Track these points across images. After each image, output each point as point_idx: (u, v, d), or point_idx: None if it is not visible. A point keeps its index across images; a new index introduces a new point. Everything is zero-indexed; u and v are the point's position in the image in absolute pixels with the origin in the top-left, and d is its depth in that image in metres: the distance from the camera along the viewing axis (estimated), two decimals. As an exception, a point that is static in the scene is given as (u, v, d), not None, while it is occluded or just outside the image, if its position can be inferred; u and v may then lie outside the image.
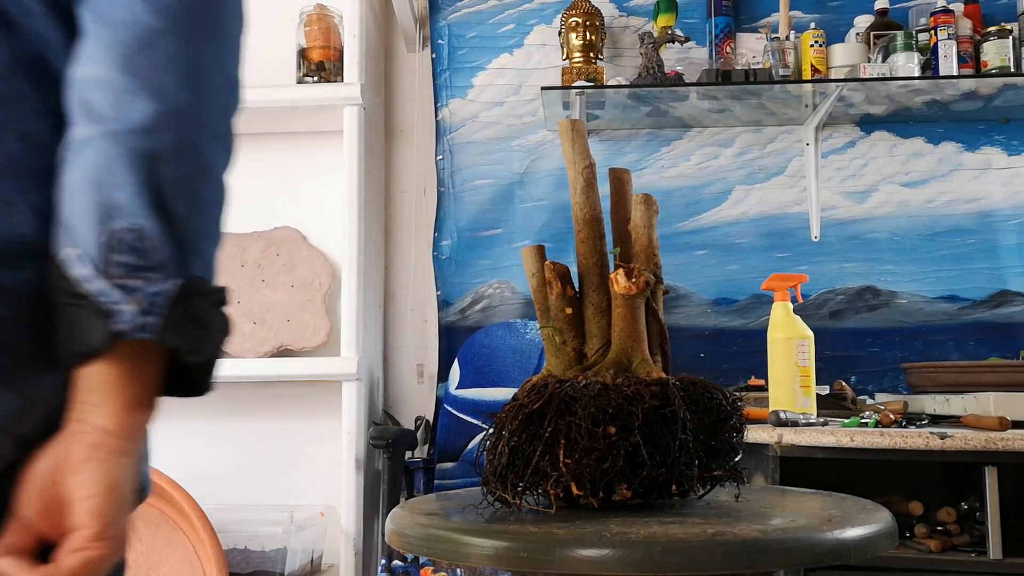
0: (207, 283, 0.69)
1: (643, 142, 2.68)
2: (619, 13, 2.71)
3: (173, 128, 0.65)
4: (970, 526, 1.88)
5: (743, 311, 2.60)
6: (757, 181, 2.65)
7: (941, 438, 1.74)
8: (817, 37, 2.45)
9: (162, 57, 0.64)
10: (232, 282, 2.52)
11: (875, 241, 2.60)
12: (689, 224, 2.65)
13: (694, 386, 1.13)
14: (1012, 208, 2.58)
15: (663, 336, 1.25)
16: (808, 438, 1.81)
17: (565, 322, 1.23)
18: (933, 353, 2.53)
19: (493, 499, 1.13)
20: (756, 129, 2.67)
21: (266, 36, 2.63)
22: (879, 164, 2.63)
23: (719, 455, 1.13)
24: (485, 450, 1.15)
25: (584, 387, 1.10)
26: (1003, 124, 2.62)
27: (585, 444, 1.05)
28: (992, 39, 2.37)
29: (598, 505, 1.08)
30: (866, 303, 2.59)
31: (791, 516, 1.06)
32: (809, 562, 0.96)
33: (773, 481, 1.83)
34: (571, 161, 1.27)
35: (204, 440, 2.57)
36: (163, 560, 2.14)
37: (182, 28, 0.65)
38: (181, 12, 0.65)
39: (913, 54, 2.37)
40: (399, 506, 1.19)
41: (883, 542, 1.02)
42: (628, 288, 1.17)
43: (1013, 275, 2.56)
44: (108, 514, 0.63)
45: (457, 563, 0.99)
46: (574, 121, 1.28)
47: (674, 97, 2.47)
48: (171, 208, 0.65)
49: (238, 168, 2.89)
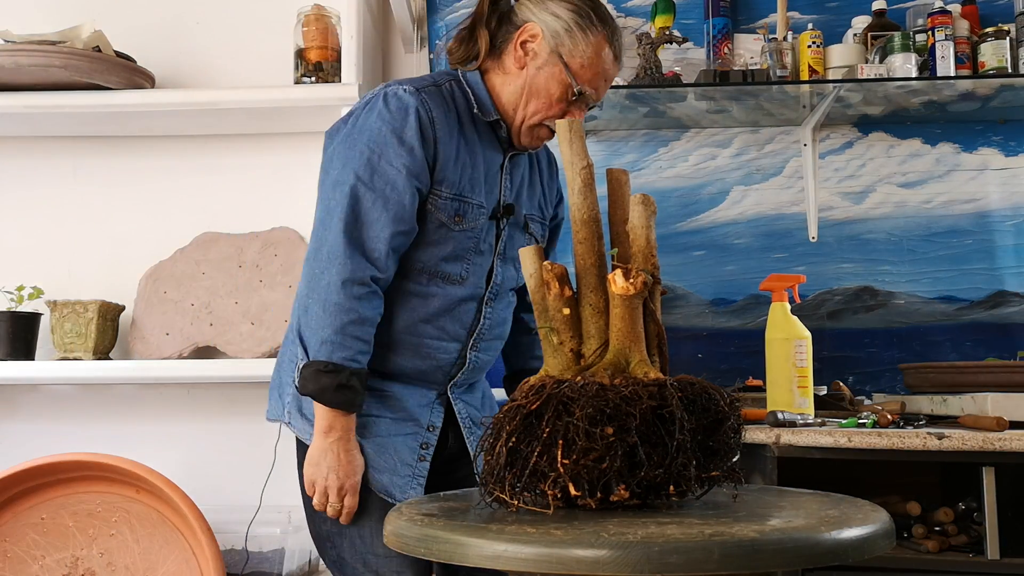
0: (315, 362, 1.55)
1: (641, 143, 2.69)
2: (617, 14, 2.71)
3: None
4: (967, 526, 1.89)
5: (741, 312, 2.60)
6: (755, 182, 2.65)
7: (939, 438, 1.74)
8: (815, 38, 2.45)
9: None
10: (230, 282, 2.52)
11: (873, 242, 2.61)
12: (687, 224, 2.65)
13: (692, 387, 1.13)
14: (1009, 209, 2.59)
15: (661, 337, 1.25)
16: (806, 439, 1.81)
17: (563, 322, 1.23)
18: (930, 353, 2.53)
19: (491, 499, 1.13)
20: (754, 130, 2.67)
21: (264, 36, 2.64)
22: (876, 165, 2.63)
23: (717, 455, 1.13)
24: (483, 450, 1.15)
25: (582, 388, 1.10)
26: (1000, 125, 2.62)
27: (583, 444, 1.05)
28: (989, 40, 2.37)
29: (596, 506, 1.08)
30: (864, 304, 2.59)
31: (789, 516, 1.06)
32: (807, 562, 0.96)
33: (771, 481, 1.84)
34: (569, 162, 1.27)
35: (202, 441, 2.57)
36: (161, 560, 2.14)
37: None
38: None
39: (910, 55, 2.37)
40: (396, 507, 1.19)
41: (881, 542, 1.02)
42: (626, 288, 1.17)
43: (1010, 275, 2.56)
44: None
45: (455, 564, 0.99)
46: (572, 121, 1.28)
47: (672, 98, 2.47)
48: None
49: (236, 168, 2.88)
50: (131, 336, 2.52)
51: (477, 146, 1.67)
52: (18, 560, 2.16)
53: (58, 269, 2.63)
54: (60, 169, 2.67)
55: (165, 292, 2.53)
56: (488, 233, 1.68)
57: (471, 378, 1.73)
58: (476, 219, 1.65)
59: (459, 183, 1.62)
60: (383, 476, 1.59)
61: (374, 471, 1.59)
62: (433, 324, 1.64)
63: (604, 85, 1.70)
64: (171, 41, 2.67)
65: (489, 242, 1.69)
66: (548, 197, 1.86)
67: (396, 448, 1.61)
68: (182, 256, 2.56)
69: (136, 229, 2.63)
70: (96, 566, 2.17)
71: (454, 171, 1.61)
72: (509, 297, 1.76)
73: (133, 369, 2.39)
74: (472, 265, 1.67)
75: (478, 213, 1.65)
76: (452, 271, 1.64)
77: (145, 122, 2.54)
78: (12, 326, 2.40)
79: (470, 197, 1.64)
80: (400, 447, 1.61)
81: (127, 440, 2.52)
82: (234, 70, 2.64)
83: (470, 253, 1.66)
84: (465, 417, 1.71)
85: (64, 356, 2.41)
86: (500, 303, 1.73)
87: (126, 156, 2.67)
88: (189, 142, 2.66)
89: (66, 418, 2.61)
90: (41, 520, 2.18)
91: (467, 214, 1.63)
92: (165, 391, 2.61)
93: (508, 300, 1.76)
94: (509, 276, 1.73)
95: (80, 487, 2.19)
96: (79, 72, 2.33)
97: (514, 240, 1.73)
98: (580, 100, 1.65)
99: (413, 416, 1.64)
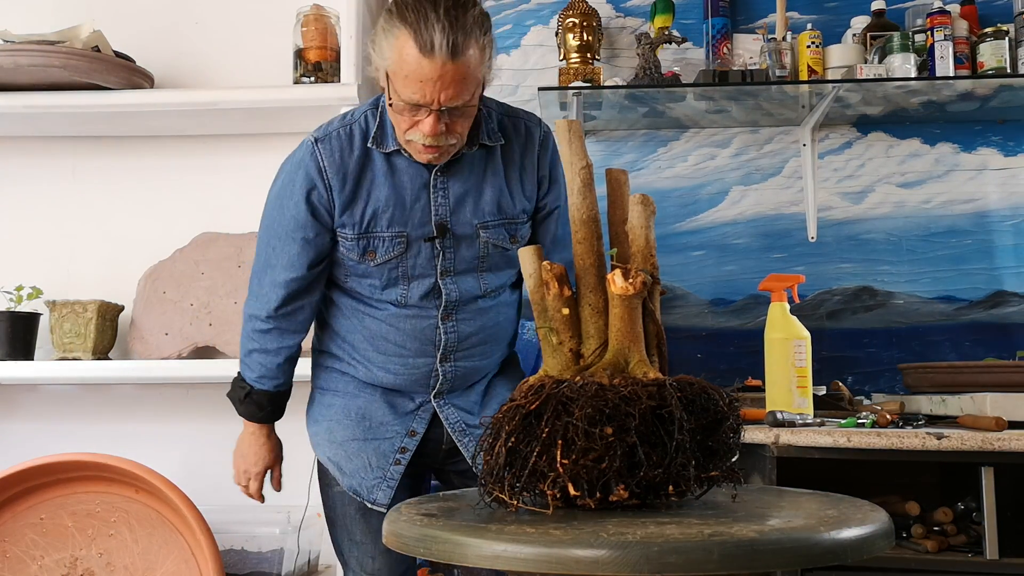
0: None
1: (640, 143, 2.69)
2: (616, 14, 2.71)
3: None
4: (966, 526, 1.89)
5: (740, 312, 2.60)
6: (754, 182, 2.65)
7: (938, 438, 1.75)
8: (814, 38, 2.45)
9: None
10: (229, 282, 2.52)
11: (872, 242, 2.61)
12: (686, 225, 2.65)
13: (691, 387, 1.13)
14: (1008, 209, 2.59)
15: (660, 337, 1.25)
16: (805, 439, 1.81)
17: (562, 322, 1.23)
18: (930, 353, 2.53)
19: (490, 500, 1.13)
20: (753, 130, 2.67)
21: (263, 36, 2.64)
22: (876, 165, 2.63)
23: (716, 456, 1.13)
24: (482, 451, 1.15)
25: (581, 388, 1.10)
26: (999, 125, 2.62)
27: (582, 445, 1.05)
28: (988, 40, 2.37)
29: (595, 506, 1.08)
30: (863, 304, 2.59)
31: (788, 516, 1.06)
32: (806, 562, 0.96)
33: (770, 481, 1.84)
34: (568, 162, 1.27)
35: (201, 441, 2.57)
36: (160, 561, 2.14)
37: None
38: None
39: (910, 55, 2.37)
40: (396, 507, 1.19)
41: (880, 542, 1.02)
42: (625, 289, 1.17)
43: (1009, 275, 2.56)
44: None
45: (454, 564, 0.99)
46: (571, 122, 1.28)
47: (671, 98, 2.47)
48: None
49: (235, 168, 2.88)
50: (130, 336, 2.52)
51: (391, 176, 1.66)
52: (17, 560, 2.16)
53: (57, 269, 2.62)
54: (59, 169, 2.67)
55: (164, 292, 2.53)
56: (419, 256, 1.67)
57: (460, 385, 1.75)
58: (392, 250, 1.67)
59: (362, 222, 1.66)
60: (351, 479, 1.76)
61: (343, 475, 1.77)
62: (393, 343, 1.72)
63: (432, 86, 1.50)
64: (170, 41, 2.67)
65: (423, 265, 1.68)
66: (520, 191, 1.73)
67: (366, 454, 1.74)
68: (181, 256, 2.56)
69: (135, 229, 2.63)
70: (95, 566, 2.16)
71: (354, 213, 1.66)
72: (485, 303, 1.73)
73: (132, 369, 2.39)
74: (409, 289, 1.69)
75: (393, 244, 1.67)
76: (390, 297, 1.71)
77: (144, 122, 2.54)
78: (11, 326, 2.40)
79: (379, 231, 1.66)
80: (371, 453, 1.74)
81: (126, 440, 2.52)
82: (233, 70, 2.64)
83: (401, 280, 1.69)
84: (455, 422, 1.74)
85: (63, 356, 2.41)
86: (465, 314, 1.71)
87: (125, 156, 2.67)
88: (188, 142, 2.66)
89: (65, 418, 2.61)
90: (40, 520, 2.18)
91: (379, 248, 1.67)
92: (164, 391, 2.61)
93: (480, 307, 1.72)
94: (468, 287, 1.70)
95: (79, 487, 2.19)
96: (78, 72, 2.33)
97: (461, 254, 1.69)
98: (422, 109, 1.53)
99: (393, 423, 1.74)
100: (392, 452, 1.73)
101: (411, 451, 1.73)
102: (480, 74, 1.55)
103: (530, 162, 1.72)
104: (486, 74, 1.58)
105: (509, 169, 1.72)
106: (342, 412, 1.76)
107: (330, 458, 1.77)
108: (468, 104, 1.54)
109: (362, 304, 1.73)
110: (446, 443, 1.76)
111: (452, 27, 1.48)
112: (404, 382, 1.74)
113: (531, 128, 1.73)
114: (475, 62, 1.52)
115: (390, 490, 1.72)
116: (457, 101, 1.52)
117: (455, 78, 1.50)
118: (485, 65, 1.56)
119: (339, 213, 1.66)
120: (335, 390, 1.79)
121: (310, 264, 1.69)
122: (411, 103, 1.52)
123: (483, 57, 1.54)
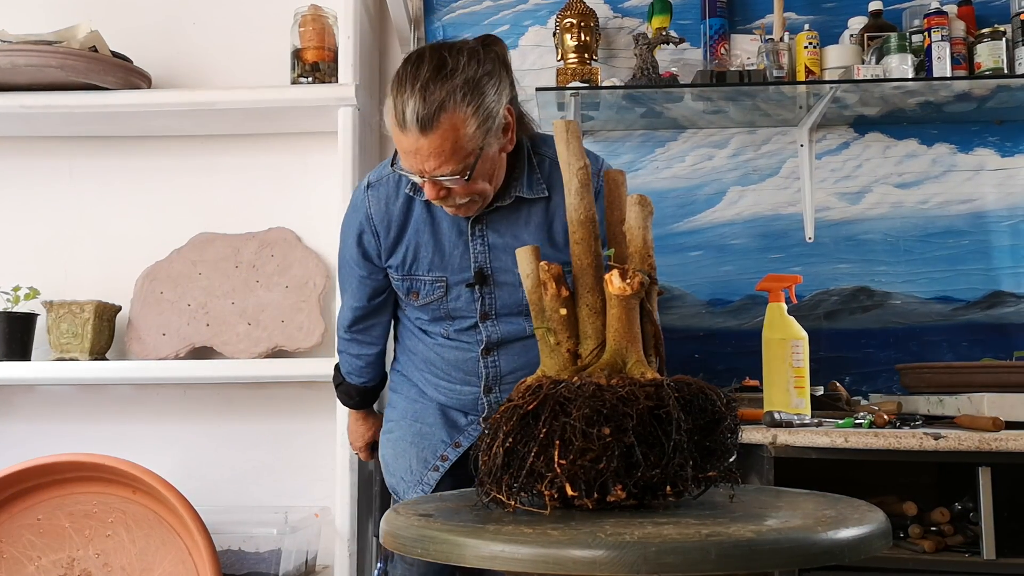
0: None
1: (638, 143, 2.69)
2: (614, 14, 2.71)
3: None
4: (964, 526, 1.89)
5: (737, 312, 2.60)
6: (751, 182, 2.65)
7: (935, 439, 1.75)
8: (811, 39, 2.45)
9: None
10: (226, 283, 2.52)
11: (869, 242, 2.61)
12: (684, 225, 2.65)
13: (688, 387, 1.13)
14: (1005, 209, 2.59)
15: (658, 337, 1.25)
16: (802, 439, 1.81)
17: (560, 323, 1.23)
18: (927, 354, 2.54)
19: (487, 500, 1.13)
20: (750, 130, 2.67)
21: (261, 37, 2.64)
22: (873, 165, 2.63)
23: (714, 456, 1.13)
24: (480, 451, 1.15)
25: (579, 388, 1.10)
26: (996, 126, 2.62)
27: (580, 445, 1.05)
28: (986, 41, 2.37)
29: (592, 506, 1.08)
30: (860, 304, 2.59)
31: (785, 517, 1.06)
32: (803, 562, 0.96)
33: (767, 482, 1.84)
34: (566, 162, 1.27)
35: (198, 441, 2.57)
36: (157, 562, 2.14)
37: None
38: None
39: (907, 56, 2.37)
40: (393, 507, 1.19)
41: (877, 542, 1.02)
42: (623, 289, 1.17)
43: (1006, 276, 2.57)
44: None
45: (451, 564, 0.99)
46: (569, 122, 1.28)
47: (669, 98, 2.47)
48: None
49: (233, 169, 2.89)
50: (127, 336, 2.52)
51: (431, 222, 1.71)
52: (14, 561, 2.16)
53: (54, 269, 2.62)
54: (56, 169, 2.67)
55: (161, 292, 2.53)
56: (460, 300, 1.72)
57: None
58: (433, 293, 1.73)
59: (406, 265, 1.73)
60: (392, 478, 1.84)
61: (387, 472, 1.86)
62: (440, 369, 1.81)
63: (414, 157, 1.50)
64: (168, 41, 2.67)
65: (464, 308, 1.73)
66: (564, 243, 1.66)
67: (410, 457, 1.80)
68: (178, 256, 2.56)
69: (132, 229, 2.63)
70: (92, 567, 2.16)
71: (399, 255, 1.73)
72: (531, 342, 1.68)
73: (129, 369, 2.39)
74: (452, 328, 1.76)
75: (433, 288, 1.73)
76: (435, 331, 1.79)
77: (142, 122, 2.53)
78: (8, 326, 2.40)
79: (422, 275, 1.73)
80: (413, 457, 1.80)
81: (123, 440, 2.52)
82: (231, 70, 2.64)
83: (444, 320, 1.76)
84: None
85: (60, 356, 2.41)
86: (508, 352, 1.76)
87: (122, 156, 2.67)
88: (186, 142, 2.65)
89: (62, 419, 2.60)
90: (37, 521, 2.18)
91: (421, 290, 1.74)
92: (162, 391, 2.60)
93: (525, 345, 1.74)
94: (511, 329, 1.74)
95: (76, 488, 2.18)
96: (75, 72, 2.33)
97: (503, 300, 1.72)
98: (427, 181, 1.54)
99: (440, 432, 1.81)
100: (433, 459, 1.78)
101: (452, 460, 1.78)
102: (475, 143, 1.50)
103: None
104: (488, 140, 1.52)
105: (555, 221, 1.69)
106: (400, 413, 1.87)
107: (383, 456, 1.87)
108: (456, 175, 1.50)
109: (418, 329, 1.82)
110: None
111: (424, 100, 1.45)
112: (454, 402, 1.82)
113: None
114: (456, 134, 1.47)
115: (424, 495, 1.75)
116: (442, 172, 1.50)
117: (432, 152, 1.48)
118: (482, 131, 1.50)
119: (385, 257, 1.75)
120: (401, 392, 1.90)
121: (369, 297, 1.83)
122: (409, 171, 1.55)
123: (472, 125, 1.48)
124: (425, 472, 1.78)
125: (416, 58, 1.52)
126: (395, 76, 1.52)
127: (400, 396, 1.91)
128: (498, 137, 1.55)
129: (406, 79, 1.49)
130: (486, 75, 1.52)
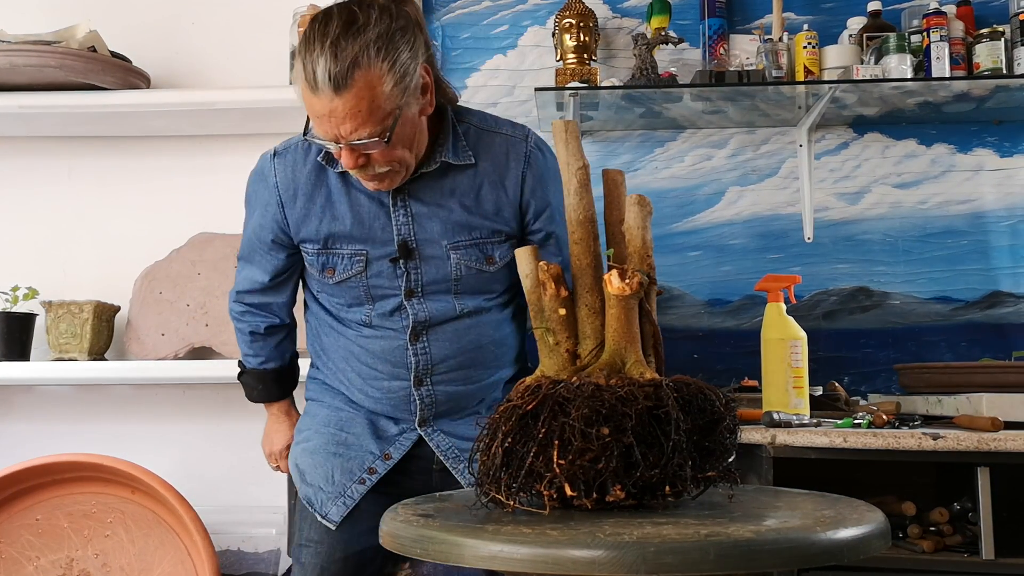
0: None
1: (637, 143, 2.69)
2: (613, 14, 2.71)
3: None
4: (962, 526, 1.89)
5: (736, 312, 2.60)
6: (750, 182, 2.65)
7: (934, 439, 1.75)
8: (810, 39, 2.45)
9: None
10: (225, 283, 2.51)
11: (868, 242, 2.61)
12: (683, 225, 2.65)
13: (688, 387, 1.13)
14: (1004, 209, 2.59)
15: (657, 337, 1.25)
16: (801, 439, 1.81)
17: (559, 323, 1.23)
18: (926, 354, 2.54)
19: (486, 500, 1.13)
20: (749, 130, 2.67)
21: (260, 37, 2.64)
22: (872, 165, 2.64)
23: (712, 456, 1.13)
24: (479, 451, 1.15)
25: (578, 388, 1.10)
26: (995, 126, 2.62)
27: (579, 445, 1.05)
28: (984, 41, 2.37)
29: (591, 506, 1.08)
30: (859, 304, 2.59)
31: (784, 517, 1.06)
32: (802, 562, 0.96)
33: (766, 482, 1.84)
34: (565, 162, 1.27)
35: (197, 441, 2.57)
36: (156, 562, 2.14)
37: None
38: None
39: (906, 56, 2.37)
40: (392, 507, 1.19)
41: (876, 542, 1.02)
42: (622, 289, 1.17)
43: (1005, 276, 2.57)
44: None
45: (450, 564, 1.00)
46: (568, 122, 1.28)
47: (668, 98, 2.47)
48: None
49: (231, 169, 2.89)
50: (126, 337, 2.52)
51: (348, 192, 1.59)
52: (13, 561, 2.16)
53: (53, 269, 2.62)
54: (55, 169, 2.67)
55: (160, 292, 2.53)
56: (380, 276, 1.60)
57: (447, 412, 1.68)
58: (352, 268, 1.61)
59: (320, 237, 1.61)
60: (308, 489, 1.68)
61: (303, 483, 1.70)
62: (366, 364, 1.67)
63: (329, 121, 1.40)
64: (167, 41, 2.67)
65: (385, 284, 1.61)
66: (495, 211, 1.62)
67: (331, 467, 1.66)
68: (178, 256, 2.56)
69: (131, 229, 2.63)
70: (91, 567, 2.16)
71: (310, 227, 1.61)
72: (463, 324, 1.64)
73: (128, 370, 2.39)
74: (374, 312, 1.63)
75: (352, 262, 1.61)
76: (355, 319, 1.66)
77: (140, 122, 2.53)
78: (7, 326, 2.40)
79: (338, 248, 1.61)
80: (336, 468, 1.66)
81: (122, 441, 2.52)
82: (230, 70, 2.64)
83: (364, 300, 1.63)
84: (447, 448, 1.67)
85: (59, 357, 2.41)
86: (438, 336, 1.63)
87: (121, 156, 2.67)
88: (185, 142, 2.65)
89: (61, 419, 2.60)
90: (36, 521, 2.18)
91: (338, 265, 1.62)
92: (161, 392, 2.60)
93: (456, 328, 1.63)
94: (440, 308, 1.62)
95: (75, 488, 2.19)
96: (74, 72, 2.33)
97: (430, 275, 1.60)
98: (344, 148, 1.43)
99: (368, 443, 1.67)
100: (359, 471, 1.65)
101: (380, 473, 1.65)
102: (393, 103, 1.40)
103: (510, 182, 1.61)
104: (406, 99, 1.43)
105: (483, 188, 1.60)
106: (322, 422, 1.71)
107: (298, 464, 1.71)
108: (375, 138, 1.40)
109: (336, 322, 1.69)
110: (437, 465, 1.69)
111: (336, 57, 1.36)
112: (385, 407, 1.69)
113: (512, 146, 1.62)
114: (372, 92, 1.38)
115: (345, 508, 1.64)
116: (360, 136, 1.40)
117: (347, 113, 1.38)
118: (399, 90, 1.40)
119: (295, 230, 1.63)
120: (321, 400, 1.76)
121: (273, 274, 1.72)
122: (323, 138, 1.43)
123: (389, 83, 1.39)
124: (349, 484, 1.64)
125: (324, 16, 1.41)
126: (302, 37, 1.41)
127: (321, 405, 1.75)
128: (417, 98, 1.46)
129: (314, 38, 1.38)
130: (399, 30, 1.42)
